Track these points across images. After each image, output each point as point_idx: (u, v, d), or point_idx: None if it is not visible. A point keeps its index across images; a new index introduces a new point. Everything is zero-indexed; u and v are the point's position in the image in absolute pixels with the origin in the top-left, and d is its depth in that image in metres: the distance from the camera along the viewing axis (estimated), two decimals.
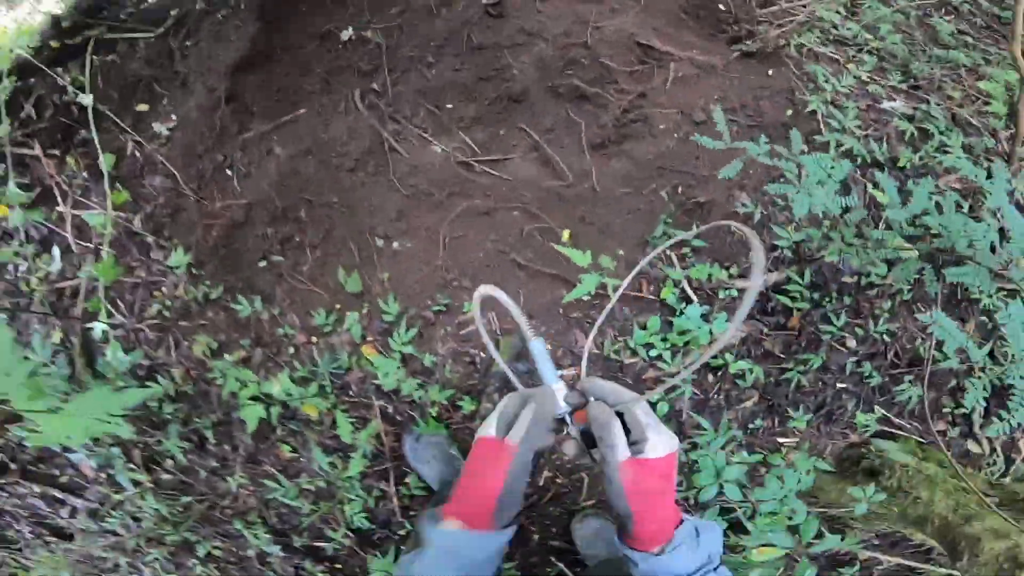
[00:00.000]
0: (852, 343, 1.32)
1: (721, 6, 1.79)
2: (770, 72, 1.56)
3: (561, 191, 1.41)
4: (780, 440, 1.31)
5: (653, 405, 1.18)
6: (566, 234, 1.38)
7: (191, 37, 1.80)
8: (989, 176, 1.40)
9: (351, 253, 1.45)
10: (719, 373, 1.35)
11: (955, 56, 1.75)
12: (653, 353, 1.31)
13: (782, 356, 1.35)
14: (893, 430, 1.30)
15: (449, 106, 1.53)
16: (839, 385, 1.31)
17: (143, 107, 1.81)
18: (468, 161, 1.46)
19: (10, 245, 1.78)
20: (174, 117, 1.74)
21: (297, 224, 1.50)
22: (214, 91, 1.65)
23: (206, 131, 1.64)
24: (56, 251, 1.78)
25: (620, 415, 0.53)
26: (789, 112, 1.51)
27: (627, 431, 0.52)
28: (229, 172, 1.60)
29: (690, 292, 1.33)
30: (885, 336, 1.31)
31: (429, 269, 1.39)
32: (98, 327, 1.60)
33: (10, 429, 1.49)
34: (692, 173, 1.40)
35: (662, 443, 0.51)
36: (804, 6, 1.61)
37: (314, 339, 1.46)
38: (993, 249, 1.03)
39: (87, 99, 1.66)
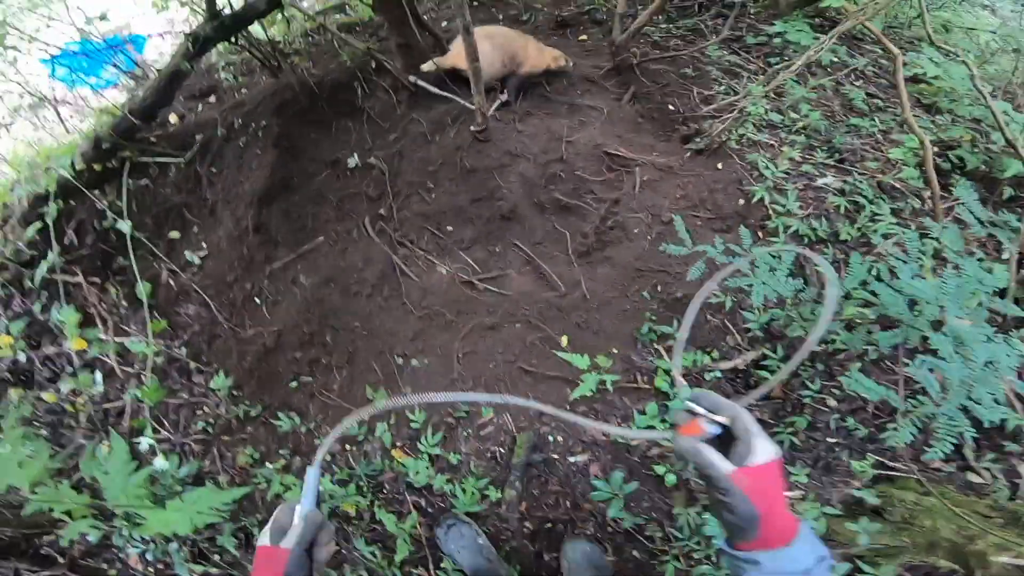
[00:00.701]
0: (833, 402, 1.41)
1: (671, 106, 1.94)
2: (719, 165, 1.70)
3: (556, 301, 1.51)
4: (786, 495, 1.37)
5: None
6: (565, 339, 1.48)
7: (216, 163, 1.90)
8: (921, 236, 1.54)
9: (375, 371, 1.53)
10: None
11: (868, 125, 1.92)
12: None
13: (772, 422, 1.43)
14: (890, 472, 1.36)
15: (449, 228, 1.64)
16: (829, 440, 1.37)
17: (175, 234, 1.90)
18: (471, 280, 1.57)
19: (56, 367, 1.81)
20: (205, 246, 1.82)
21: (324, 348, 1.58)
22: (241, 220, 1.75)
23: (235, 260, 1.73)
24: (99, 375, 1.82)
25: (725, 427, 0.55)
26: (741, 202, 1.64)
27: (734, 438, 0.54)
28: (258, 300, 1.69)
29: (680, 379, 1.42)
30: (861, 392, 1.39)
31: (447, 381, 1.47)
32: (145, 441, 1.65)
33: (64, 525, 1.51)
34: (667, 271, 1.52)
35: (769, 450, 0.53)
36: (735, 105, 1.76)
37: (348, 446, 1.53)
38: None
39: (125, 226, 1.72)
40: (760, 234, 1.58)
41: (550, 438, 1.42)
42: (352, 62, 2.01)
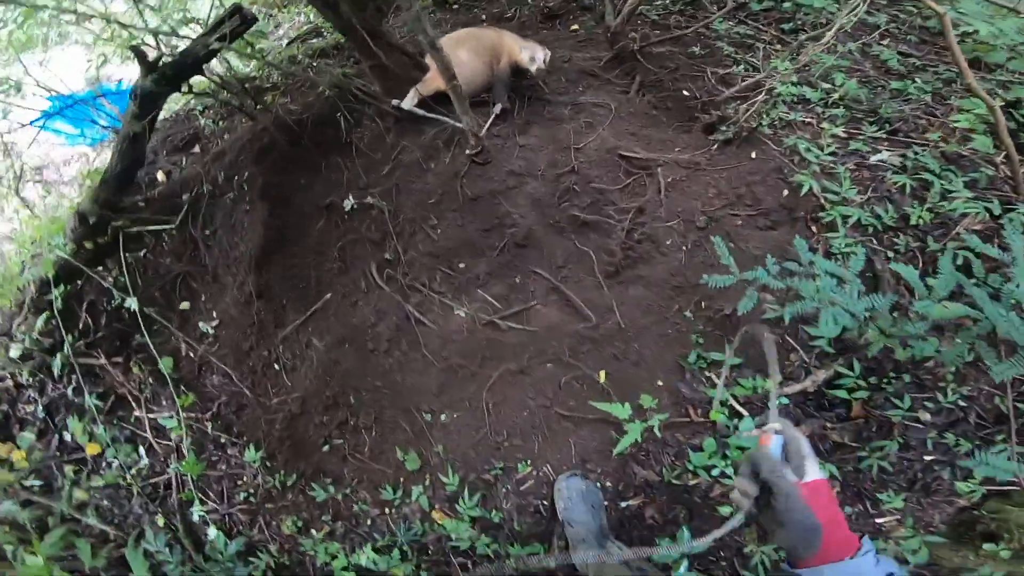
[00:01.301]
0: (927, 416, 1.16)
1: (685, 92, 1.65)
2: (753, 154, 1.43)
3: (588, 333, 1.31)
4: (878, 521, 1.16)
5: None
6: (602, 375, 1.28)
7: (208, 225, 1.75)
8: (1002, 213, 1.23)
9: (404, 429, 1.38)
10: None
11: (914, 89, 1.58)
12: (715, 472, 1.18)
13: (855, 445, 1.20)
14: (1006, 487, 1.13)
15: (461, 265, 1.44)
16: (927, 458, 1.15)
17: (185, 305, 1.77)
18: (493, 320, 1.36)
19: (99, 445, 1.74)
20: (215, 315, 1.69)
21: (349, 409, 1.43)
22: (244, 286, 1.59)
23: (247, 328, 1.59)
24: (141, 450, 1.74)
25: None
26: (785, 192, 1.37)
27: (787, 461, 0.57)
28: (277, 367, 1.55)
29: (739, 408, 1.20)
30: (960, 402, 1.15)
31: (479, 436, 1.30)
32: (196, 513, 1.57)
33: None
34: (711, 285, 1.27)
35: (815, 471, 0.56)
36: (760, 85, 1.45)
37: (387, 511, 1.39)
38: None
39: (133, 303, 1.63)
40: (814, 228, 1.31)
41: (598, 484, 1.23)
42: (331, 91, 1.78)
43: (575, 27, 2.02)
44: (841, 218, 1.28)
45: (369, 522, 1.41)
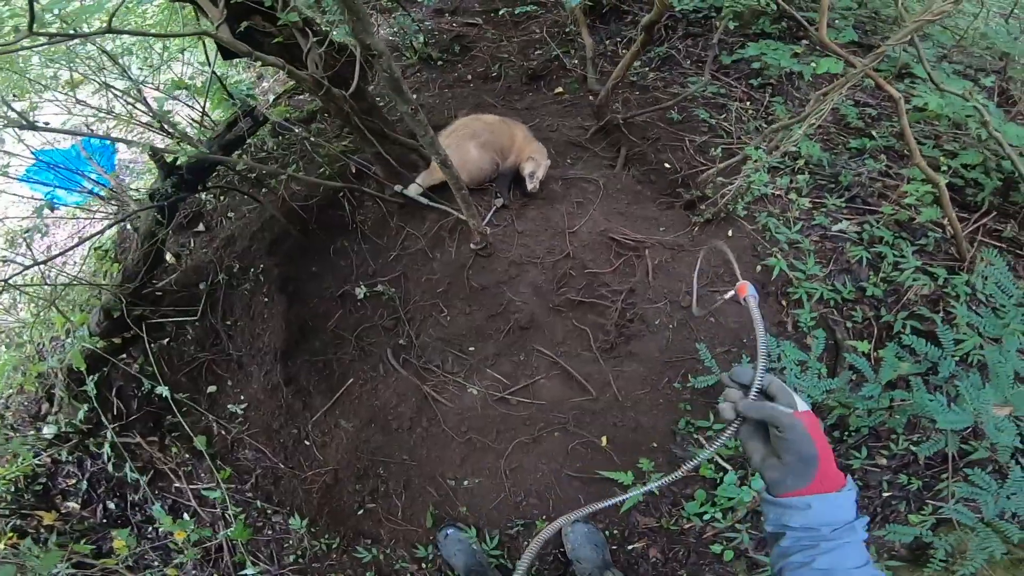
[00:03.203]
0: (883, 460, 1.27)
1: (666, 164, 1.62)
2: (730, 233, 1.44)
3: (589, 406, 1.36)
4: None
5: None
6: (604, 440, 1.34)
7: (229, 316, 1.69)
8: (946, 279, 1.29)
9: (431, 494, 1.42)
10: None
11: (871, 146, 1.60)
12: (707, 517, 1.28)
13: None
14: (951, 516, 1.24)
15: (471, 348, 1.45)
16: (884, 495, 1.24)
17: (212, 388, 1.74)
18: (503, 396, 1.39)
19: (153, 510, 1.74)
20: (243, 398, 1.66)
21: (379, 478, 1.47)
22: (269, 374, 1.57)
23: (275, 410, 1.58)
24: (186, 516, 1.74)
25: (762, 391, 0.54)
26: (759, 268, 1.40)
27: (772, 398, 0.53)
28: (308, 443, 1.55)
29: (724, 464, 1.28)
30: (911, 447, 1.23)
31: (500, 498, 1.37)
32: (249, 574, 1.60)
33: None
34: (695, 358, 1.32)
35: (802, 403, 0.53)
36: (736, 170, 1.44)
37: (423, 565, 1.45)
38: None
39: (164, 390, 1.60)
40: (783, 303, 1.36)
41: (605, 532, 1.31)
42: (332, 168, 1.68)
43: (559, 90, 1.94)
44: (806, 295, 1.33)
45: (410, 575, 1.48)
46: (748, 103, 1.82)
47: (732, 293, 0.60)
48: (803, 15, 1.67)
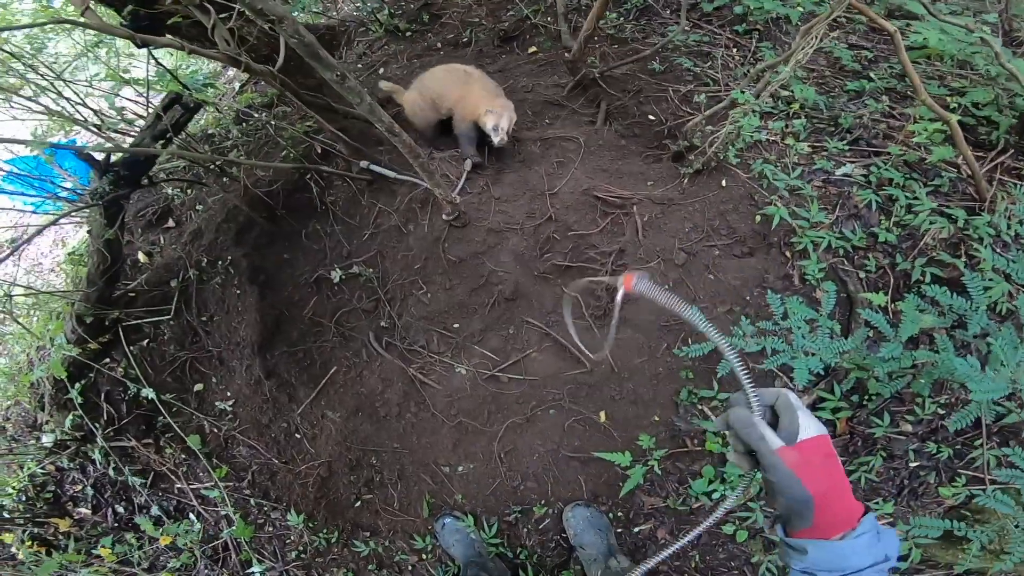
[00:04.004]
0: (908, 427, 1.10)
1: (651, 116, 1.44)
2: (724, 182, 1.28)
3: (585, 379, 1.22)
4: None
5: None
6: (602, 416, 1.21)
7: (204, 311, 1.56)
8: (967, 220, 1.12)
9: (427, 482, 1.31)
10: None
11: (870, 87, 1.41)
12: (716, 496, 1.14)
13: (843, 459, 1.15)
14: (987, 503, 1.08)
15: (456, 325, 1.31)
16: (912, 465, 1.09)
17: (199, 387, 1.62)
18: (493, 373, 1.25)
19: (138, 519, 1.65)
20: (229, 394, 1.54)
21: (373, 469, 1.36)
22: (251, 369, 1.44)
23: (262, 404, 1.46)
24: (192, 516, 1.65)
25: (773, 410, 0.47)
26: (758, 218, 1.23)
27: (778, 419, 0.45)
28: (298, 435, 1.43)
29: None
30: (939, 410, 1.08)
31: (496, 483, 1.25)
32: (256, 572, 1.51)
33: None
34: (689, 354, 1.16)
35: (811, 426, 0.44)
36: (721, 106, 1.25)
37: (424, 556, 1.34)
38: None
39: (149, 392, 1.49)
40: (788, 254, 1.19)
41: (609, 515, 1.19)
42: (297, 151, 1.52)
43: (533, 49, 1.74)
44: (812, 244, 1.16)
45: (411, 568, 1.38)
46: (735, 50, 1.62)
47: (621, 292, 0.48)
48: None
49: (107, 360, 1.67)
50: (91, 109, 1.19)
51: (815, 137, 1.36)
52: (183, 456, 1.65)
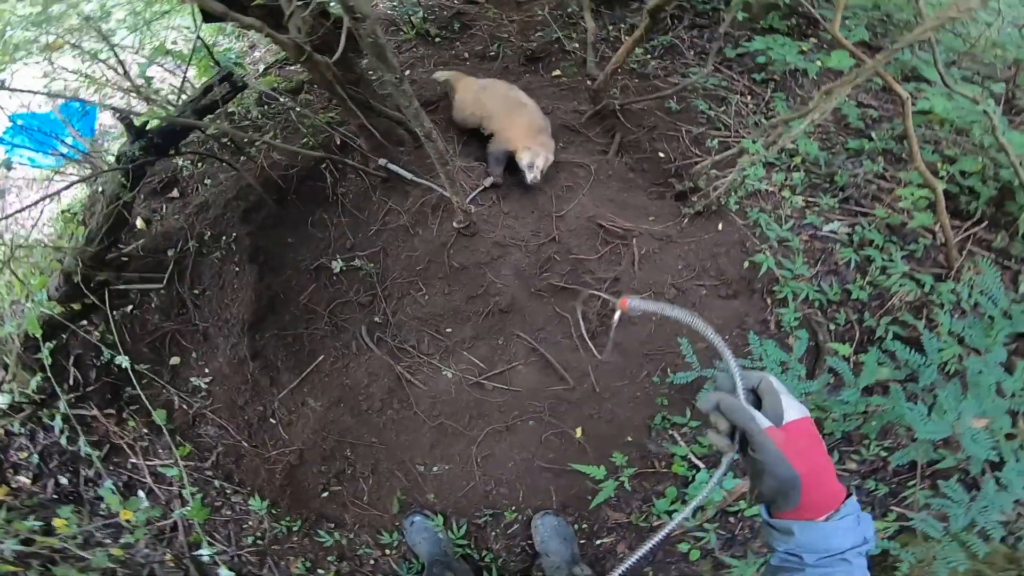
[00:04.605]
0: (853, 465, 1.35)
1: (660, 153, 1.73)
2: (720, 226, 1.54)
3: (566, 395, 1.44)
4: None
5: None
6: (579, 431, 1.42)
7: (196, 284, 1.76)
8: (932, 287, 1.40)
9: (399, 478, 1.50)
10: (738, 515, 1.41)
11: (869, 148, 1.71)
12: (676, 516, 1.36)
13: None
14: (918, 526, 1.24)
15: (448, 330, 1.53)
16: None
17: (175, 360, 1.80)
18: (478, 381, 1.47)
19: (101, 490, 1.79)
20: (208, 371, 1.73)
21: (346, 461, 1.54)
22: (236, 347, 1.64)
23: (241, 385, 1.64)
24: (141, 494, 1.80)
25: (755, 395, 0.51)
26: (746, 264, 1.50)
27: (760, 402, 0.50)
28: (273, 420, 1.62)
29: (697, 462, 1.38)
30: (882, 452, 1.32)
31: (469, 486, 1.44)
32: (205, 554, 1.64)
33: None
34: (675, 352, 1.42)
35: (794, 408, 0.49)
36: (730, 152, 1.55)
37: (388, 552, 1.53)
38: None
39: (124, 360, 1.62)
40: (768, 301, 1.46)
41: (575, 526, 1.40)
42: (316, 140, 1.77)
43: (557, 72, 2.03)
44: (792, 294, 1.43)
45: (372, 562, 1.56)
46: (749, 97, 1.93)
47: (618, 314, 0.57)
48: (817, 11, 1.79)
49: (84, 323, 1.85)
50: (128, 79, 1.42)
51: (810, 192, 1.66)
52: (145, 431, 1.82)
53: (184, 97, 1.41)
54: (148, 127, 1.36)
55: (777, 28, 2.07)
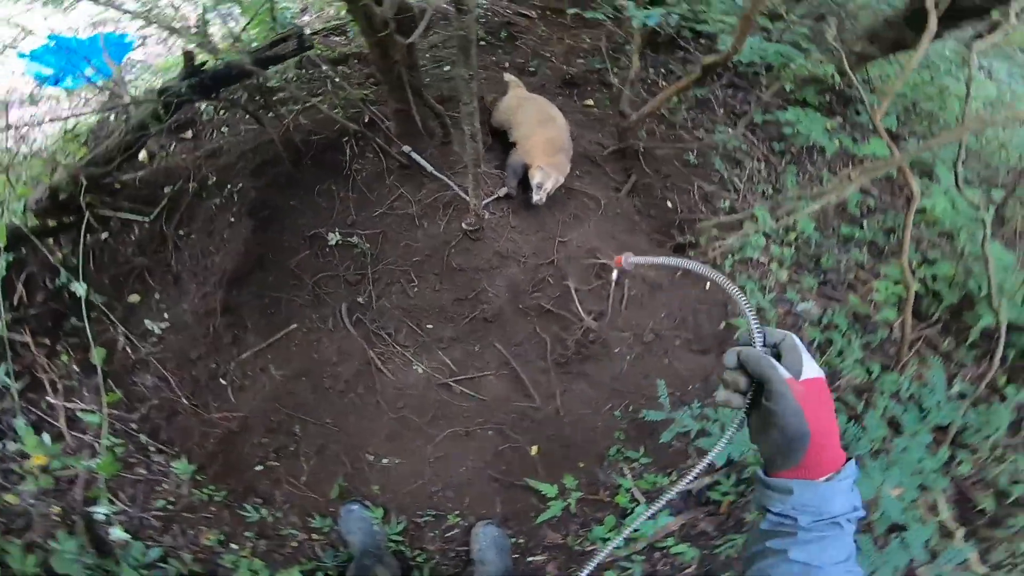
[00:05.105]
0: None
1: (669, 203, 2.02)
2: (707, 286, 1.82)
3: (531, 413, 1.63)
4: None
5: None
6: (535, 449, 1.61)
7: (184, 225, 1.87)
8: (878, 376, 1.72)
9: (344, 465, 1.63)
10: (664, 551, 1.64)
11: (859, 236, 2.04)
12: (610, 543, 1.57)
13: (715, 535, 1.64)
14: None
15: (429, 326, 1.71)
16: None
17: (135, 298, 1.88)
18: (447, 382, 1.66)
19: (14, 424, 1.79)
20: (167, 316, 1.82)
21: (292, 437, 1.66)
22: (208, 297, 1.75)
23: (200, 337, 1.75)
24: (47, 438, 1.80)
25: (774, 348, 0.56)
26: (722, 325, 1.77)
27: (779, 359, 0.54)
28: (223, 381, 1.73)
29: (639, 496, 1.60)
30: None
31: (417, 484, 1.59)
32: (100, 511, 1.67)
33: None
34: (643, 394, 1.65)
35: (812, 368, 0.53)
36: (735, 227, 1.86)
37: (316, 537, 1.65)
38: None
39: (81, 288, 1.60)
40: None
41: (512, 540, 1.58)
42: (344, 112, 1.97)
43: (589, 102, 2.33)
44: None
45: (295, 544, 1.66)
46: (763, 164, 2.26)
47: (615, 272, 0.70)
48: (864, 94, 2.10)
49: (50, 240, 1.92)
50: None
51: (795, 269, 1.97)
52: (76, 369, 1.87)
53: (241, 44, 1.59)
54: (204, 67, 1.53)
55: (810, 102, 2.34)
